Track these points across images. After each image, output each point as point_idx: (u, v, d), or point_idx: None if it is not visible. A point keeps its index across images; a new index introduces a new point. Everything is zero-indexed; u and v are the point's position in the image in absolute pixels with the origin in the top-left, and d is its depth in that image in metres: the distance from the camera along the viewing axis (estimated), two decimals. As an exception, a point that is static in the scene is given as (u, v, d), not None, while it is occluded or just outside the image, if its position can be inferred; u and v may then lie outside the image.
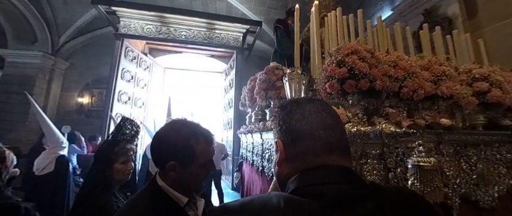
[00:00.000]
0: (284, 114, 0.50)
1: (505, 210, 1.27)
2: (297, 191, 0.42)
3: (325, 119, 0.47)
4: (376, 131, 0.80)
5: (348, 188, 0.40)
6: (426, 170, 0.67)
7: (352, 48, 1.15)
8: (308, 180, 0.42)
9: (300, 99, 0.52)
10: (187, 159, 0.71)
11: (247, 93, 2.77)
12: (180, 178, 0.71)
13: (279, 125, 0.50)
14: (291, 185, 0.44)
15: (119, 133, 1.24)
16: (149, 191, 0.73)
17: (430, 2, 3.42)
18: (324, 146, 0.45)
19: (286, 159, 0.48)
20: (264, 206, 0.37)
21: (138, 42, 5.06)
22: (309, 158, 0.45)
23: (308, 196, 0.38)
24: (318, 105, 0.49)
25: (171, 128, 0.76)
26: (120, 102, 4.62)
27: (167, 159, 0.71)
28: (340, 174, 0.43)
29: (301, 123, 0.47)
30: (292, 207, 0.36)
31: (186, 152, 0.71)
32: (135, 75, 4.97)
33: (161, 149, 0.74)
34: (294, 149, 0.47)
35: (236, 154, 4.71)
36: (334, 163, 0.44)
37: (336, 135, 0.46)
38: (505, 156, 1.33)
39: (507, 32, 2.60)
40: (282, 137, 0.49)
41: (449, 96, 1.26)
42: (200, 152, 0.73)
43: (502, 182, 1.27)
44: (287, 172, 0.47)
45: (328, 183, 0.41)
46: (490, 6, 2.87)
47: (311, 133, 0.46)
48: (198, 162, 0.73)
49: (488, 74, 1.41)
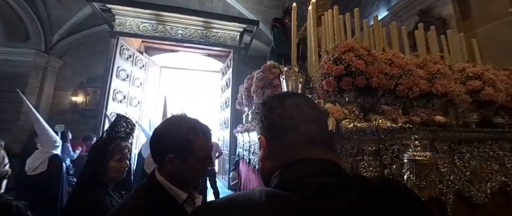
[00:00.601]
0: (265, 110, 0.50)
1: (497, 206, 1.29)
2: (279, 186, 0.42)
3: (307, 112, 0.47)
4: (372, 126, 0.80)
5: (330, 180, 0.40)
6: (422, 164, 0.68)
7: (349, 45, 1.16)
8: (290, 174, 0.43)
9: (281, 94, 0.53)
10: (185, 152, 0.71)
11: (244, 91, 2.76)
12: (179, 172, 0.71)
13: (261, 121, 0.50)
14: (274, 180, 0.44)
15: (113, 130, 1.23)
16: (148, 186, 0.73)
17: (425, 2, 3.47)
18: (306, 140, 0.45)
19: (269, 155, 0.48)
20: (247, 201, 0.37)
21: (133, 40, 5.01)
22: (291, 152, 0.45)
23: (290, 189, 0.38)
24: (299, 100, 0.49)
25: (171, 122, 0.77)
26: (115, 101, 4.56)
27: (166, 153, 0.71)
28: (323, 166, 0.43)
29: (282, 118, 0.47)
30: (273, 200, 0.36)
31: (184, 146, 0.71)
32: (131, 74, 4.92)
33: (160, 143, 0.74)
34: (276, 144, 0.47)
35: (233, 153, 4.70)
36: (317, 156, 0.44)
37: (318, 128, 0.46)
38: (497, 153, 1.36)
39: (499, 33, 2.66)
40: (264, 132, 0.49)
41: (444, 94, 1.28)
42: (199, 146, 0.73)
43: (494, 179, 1.30)
44: (270, 168, 0.47)
45: (310, 176, 0.41)
46: (483, 7, 2.93)
47: (292, 127, 0.46)
48: (196, 156, 0.73)
49: (482, 73, 1.43)
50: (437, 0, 3.32)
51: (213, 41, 5.23)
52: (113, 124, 1.26)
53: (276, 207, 0.35)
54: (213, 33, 5.23)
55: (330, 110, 1.05)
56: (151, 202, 0.67)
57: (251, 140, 2.61)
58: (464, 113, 1.43)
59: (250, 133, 2.52)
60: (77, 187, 1.17)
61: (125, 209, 0.67)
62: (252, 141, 2.59)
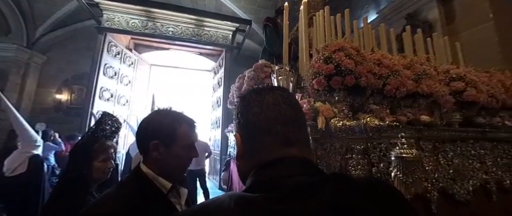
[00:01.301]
0: (242, 107, 0.48)
1: (478, 203, 1.34)
2: (252, 187, 0.40)
3: (285, 111, 0.45)
4: (361, 125, 0.81)
5: (305, 179, 0.39)
6: (408, 161, 0.70)
7: (339, 45, 1.17)
8: (264, 175, 0.41)
9: (260, 88, 0.50)
10: (169, 138, 0.73)
11: (236, 91, 2.74)
12: (163, 159, 0.72)
13: (237, 118, 0.48)
14: (248, 180, 0.43)
15: (98, 129, 1.18)
16: (134, 178, 0.73)
17: (413, 6, 3.57)
18: (281, 142, 0.43)
19: (245, 154, 0.46)
20: (216, 209, 0.36)
21: (122, 37, 4.87)
22: (265, 153, 0.43)
23: (263, 191, 0.37)
24: (278, 96, 0.47)
25: (156, 113, 0.81)
26: (102, 100, 4.42)
27: (151, 139, 0.73)
28: (298, 166, 0.42)
29: (258, 117, 0.45)
30: (242, 206, 0.34)
31: (168, 132, 0.74)
32: (119, 71, 4.77)
33: (146, 130, 0.76)
34: (251, 145, 0.45)
35: (224, 153, 4.66)
36: (292, 156, 0.43)
37: (295, 129, 0.45)
38: (479, 152, 1.41)
39: (481, 37, 2.78)
40: (240, 130, 0.48)
41: (429, 94, 1.32)
42: (182, 133, 0.76)
43: (476, 176, 1.35)
44: (246, 168, 0.45)
45: (285, 176, 0.39)
46: (466, 13, 3.06)
47: (268, 129, 0.44)
48: (180, 143, 0.75)
49: (464, 74, 1.49)
50: (424, 4, 3.43)
51: (205, 40, 5.16)
52: (98, 122, 1.21)
53: (245, 214, 0.33)
54: (205, 31, 5.16)
55: (319, 108, 1.05)
56: (136, 193, 0.67)
57: (242, 139, 2.60)
58: (448, 113, 1.47)
59: (242, 132, 2.51)
60: (57, 188, 1.11)
61: (109, 200, 0.65)
62: (243, 140, 2.58)
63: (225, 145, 4.42)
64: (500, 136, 1.53)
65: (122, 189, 0.70)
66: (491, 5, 2.80)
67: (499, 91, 1.60)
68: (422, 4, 3.45)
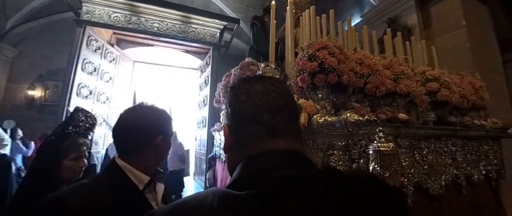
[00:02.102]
0: (231, 96, 0.47)
1: (450, 197, 1.43)
2: (237, 182, 0.39)
3: (273, 100, 0.43)
4: (341, 120, 0.83)
5: (293, 172, 0.37)
6: (385, 154, 0.72)
7: (323, 43, 1.19)
8: (250, 168, 0.39)
9: (251, 77, 0.49)
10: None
11: (222, 89, 2.71)
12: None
13: (226, 108, 0.47)
14: (234, 174, 0.41)
15: (70, 125, 1.10)
16: (108, 172, 0.71)
17: (394, 12, 3.74)
18: (267, 131, 0.41)
19: (232, 145, 0.45)
20: (196, 207, 0.34)
21: (103, 31, 4.63)
22: (251, 144, 0.42)
23: (248, 186, 0.35)
24: (267, 84, 0.45)
25: (140, 107, 0.77)
26: (79, 97, 4.17)
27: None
28: (286, 158, 0.40)
29: (245, 105, 0.43)
30: (226, 206, 0.32)
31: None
32: (99, 67, 4.54)
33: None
34: (238, 134, 0.44)
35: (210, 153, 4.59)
36: (280, 148, 0.41)
37: (283, 118, 0.43)
38: (450, 148, 1.50)
39: (454, 43, 2.97)
40: (228, 120, 0.46)
41: (407, 93, 1.38)
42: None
43: (448, 172, 1.43)
44: (233, 160, 0.44)
45: (271, 170, 0.37)
46: (441, 19, 3.25)
47: (254, 117, 0.42)
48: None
49: (439, 76, 1.57)
50: (404, 10, 3.60)
51: (191, 37, 5.05)
52: (70, 118, 1.14)
53: (227, 214, 0.31)
54: (192, 28, 5.05)
55: (303, 105, 1.06)
56: (110, 187, 0.64)
57: (228, 138, 2.57)
58: (424, 112, 1.56)
59: (227, 131, 2.48)
60: (22, 189, 1.02)
61: (81, 191, 0.62)
62: (228, 139, 2.55)
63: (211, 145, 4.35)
64: (469, 134, 1.63)
65: (96, 182, 0.66)
66: (464, 13, 3.00)
67: (470, 92, 1.72)
68: (402, 10, 3.62)
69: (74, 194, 0.60)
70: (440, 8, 3.26)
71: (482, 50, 3.01)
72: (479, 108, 1.84)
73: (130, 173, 0.68)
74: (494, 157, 1.73)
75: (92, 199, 0.59)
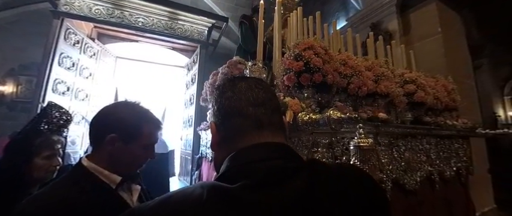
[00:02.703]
0: (217, 94, 0.49)
1: (424, 192, 1.52)
2: (225, 174, 0.39)
3: (257, 94, 0.46)
4: (324, 117, 0.86)
5: (280, 163, 0.39)
6: (365, 149, 0.76)
7: (309, 43, 1.22)
8: (237, 160, 0.40)
9: (235, 77, 0.53)
10: (131, 136, 0.68)
11: (209, 87, 2.68)
12: (117, 155, 0.66)
13: (212, 106, 0.49)
14: (222, 167, 0.42)
15: (42, 121, 1.03)
16: (73, 174, 0.65)
17: (376, 17, 3.91)
18: (253, 124, 0.43)
19: (219, 141, 0.46)
20: (183, 201, 0.33)
21: (83, 24, 4.38)
22: (237, 137, 0.43)
23: (236, 177, 0.36)
24: (251, 82, 0.49)
25: (124, 104, 0.74)
26: (55, 93, 3.92)
27: (110, 131, 0.66)
28: (273, 150, 0.42)
29: (230, 101, 0.45)
30: (216, 198, 0.32)
31: (133, 128, 0.68)
32: (78, 62, 4.29)
33: (106, 120, 0.69)
34: (224, 129, 0.45)
35: (196, 153, 4.51)
36: (265, 140, 0.43)
37: (267, 111, 0.45)
38: (425, 146, 1.61)
39: (430, 48, 3.17)
40: (214, 118, 0.48)
41: (386, 94, 1.45)
42: (147, 133, 0.70)
43: (422, 168, 1.53)
44: (221, 155, 0.45)
45: (259, 161, 0.39)
46: (419, 26, 3.46)
47: (239, 111, 0.44)
48: (141, 142, 0.69)
49: (416, 78, 1.67)
50: (386, 16, 3.78)
51: (178, 34, 4.92)
52: (43, 114, 1.07)
53: (219, 206, 0.31)
54: (179, 25, 4.93)
55: (289, 103, 1.08)
56: (74, 187, 0.59)
57: (214, 137, 2.55)
58: (402, 112, 1.65)
59: (214, 130, 2.46)
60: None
61: (42, 197, 0.57)
62: (215, 138, 2.53)
63: (198, 144, 4.28)
64: (442, 133, 1.75)
65: (58, 185, 0.61)
66: (440, 21, 3.21)
67: (443, 94, 1.84)
68: (384, 16, 3.80)
69: (38, 208, 0.54)
70: (419, 15, 3.46)
71: (455, 56, 3.24)
72: (451, 110, 1.98)
73: (99, 173, 0.65)
74: (464, 154, 1.87)
75: (55, 200, 0.55)
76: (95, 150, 0.68)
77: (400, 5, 3.58)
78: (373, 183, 0.42)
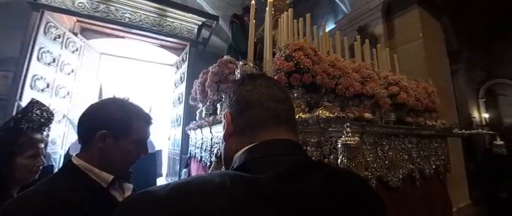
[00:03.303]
0: (236, 86, 0.50)
1: (406, 189, 1.60)
2: (245, 165, 0.39)
3: (276, 92, 0.48)
4: (314, 117, 0.88)
5: (300, 158, 0.40)
6: (352, 147, 0.79)
7: (299, 45, 1.25)
8: (258, 152, 0.41)
9: (254, 73, 0.56)
10: (122, 131, 0.67)
11: (199, 86, 2.66)
12: (108, 152, 0.66)
13: (229, 97, 0.50)
14: (238, 159, 0.42)
15: (23, 119, 0.99)
16: (63, 172, 0.64)
17: (363, 21, 4.05)
18: (272, 117, 0.45)
19: (234, 132, 0.47)
20: (203, 188, 0.32)
21: (65, 18, 4.18)
22: (257, 128, 0.44)
23: (259, 169, 0.36)
24: (269, 80, 0.51)
25: (112, 100, 0.74)
26: (34, 90, 3.71)
27: (100, 128, 0.65)
28: (291, 147, 0.43)
29: (251, 93, 0.47)
30: (241, 186, 0.32)
31: (122, 124, 0.68)
32: (59, 58, 4.09)
33: (95, 116, 0.68)
34: (242, 119, 0.46)
35: (185, 153, 4.44)
36: (283, 136, 0.44)
37: (285, 108, 0.47)
38: (407, 145, 1.69)
39: (412, 52, 3.33)
40: (230, 108, 0.49)
41: (372, 95, 1.51)
42: (137, 128, 0.70)
43: (405, 166, 1.60)
44: (235, 146, 0.45)
45: (279, 155, 0.40)
46: (402, 31, 3.62)
47: (260, 103, 0.46)
48: (132, 138, 0.69)
49: (399, 80, 1.75)
50: (372, 20, 3.93)
51: (167, 31, 4.82)
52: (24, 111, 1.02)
53: (244, 192, 0.31)
54: (168, 22, 4.83)
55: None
56: (66, 186, 0.58)
57: (204, 136, 2.52)
58: (386, 113, 1.72)
59: (203, 129, 2.44)
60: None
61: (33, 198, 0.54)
62: (204, 137, 2.51)
63: (186, 144, 4.21)
64: (423, 133, 1.85)
65: (48, 184, 0.59)
66: (422, 27, 3.38)
67: (423, 96, 1.94)
68: (370, 20, 3.94)
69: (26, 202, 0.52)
70: (402, 20, 3.63)
71: (435, 60, 3.43)
72: (431, 111, 2.09)
73: (91, 172, 0.64)
74: (442, 153, 1.98)
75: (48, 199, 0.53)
76: (85, 148, 0.67)
77: (386, 10, 3.73)
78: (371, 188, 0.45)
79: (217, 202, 0.29)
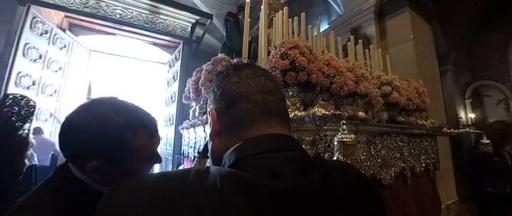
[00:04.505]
0: (219, 80, 0.45)
1: (398, 187, 1.63)
2: (237, 163, 0.36)
3: (264, 82, 0.43)
4: (310, 114, 0.88)
5: (298, 154, 0.38)
6: (348, 144, 0.79)
7: (294, 43, 1.24)
8: (250, 149, 0.37)
9: (237, 63, 0.48)
10: (118, 157, 0.51)
11: (192, 84, 2.62)
12: (109, 178, 0.51)
13: (213, 92, 0.45)
14: (228, 157, 0.38)
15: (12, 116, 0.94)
16: (62, 183, 0.52)
17: (356, 22, 4.11)
18: (262, 111, 0.41)
19: (221, 130, 0.42)
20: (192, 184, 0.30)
21: (53, 12, 4.03)
22: (245, 124, 0.40)
23: (251, 168, 0.33)
24: (256, 69, 0.45)
25: (91, 112, 0.52)
26: (19, 87, 3.56)
27: (86, 158, 0.49)
28: (285, 141, 0.40)
29: (237, 85, 0.42)
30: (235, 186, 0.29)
31: (116, 149, 0.50)
32: (46, 54, 3.94)
33: (74, 142, 0.50)
34: (228, 116, 0.41)
35: (177, 153, 4.37)
36: (275, 131, 0.40)
37: (275, 99, 0.43)
38: (399, 144, 1.72)
39: (403, 53, 3.41)
40: (215, 104, 0.44)
41: (365, 94, 1.53)
42: (139, 146, 0.53)
43: (396, 164, 1.63)
44: (222, 145, 0.41)
45: (275, 151, 0.37)
46: (393, 33, 3.71)
47: (247, 96, 0.41)
48: (135, 158, 0.53)
49: (391, 80, 1.78)
50: (365, 22, 3.99)
51: (160, 29, 4.73)
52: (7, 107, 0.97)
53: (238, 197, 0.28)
54: (160, 19, 4.73)
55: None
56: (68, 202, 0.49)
57: (197, 136, 2.49)
58: (378, 112, 1.74)
59: (197, 128, 2.41)
60: None
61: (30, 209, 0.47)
62: (198, 137, 2.47)
63: (179, 144, 4.15)
64: (414, 132, 1.89)
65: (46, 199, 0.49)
66: (413, 29, 3.46)
67: (414, 96, 1.98)
68: (363, 21, 4.00)
69: None
70: (394, 22, 3.70)
71: (425, 62, 3.52)
72: (421, 110, 2.14)
73: (94, 186, 0.53)
74: (432, 152, 2.03)
75: None
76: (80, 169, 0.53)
77: (378, 12, 3.79)
78: (369, 180, 0.44)
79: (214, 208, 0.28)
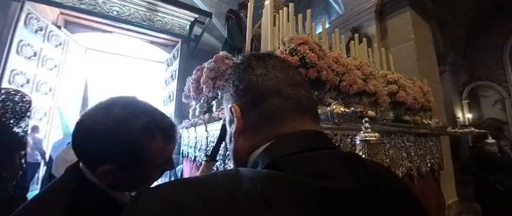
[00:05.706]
0: (241, 71, 0.40)
1: (404, 187, 1.60)
2: (275, 164, 0.31)
3: (292, 74, 0.39)
4: (327, 112, 0.84)
5: (339, 152, 0.34)
6: (372, 143, 0.76)
7: (303, 39, 1.21)
8: (287, 148, 0.33)
9: (260, 53, 0.43)
10: (133, 162, 0.49)
11: (193, 83, 2.56)
12: (121, 183, 0.50)
13: (234, 86, 0.40)
14: (261, 159, 0.34)
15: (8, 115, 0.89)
16: (75, 186, 0.49)
17: (357, 22, 4.10)
18: (294, 106, 0.37)
19: (246, 128, 0.38)
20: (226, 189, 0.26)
21: (48, 9, 3.94)
22: (276, 121, 0.36)
23: (294, 168, 0.29)
24: (281, 60, 0.41)
25: (108, 114, 0.48)
26: (13, 85, 3.46)
27: (100, 162, 0.47)
28: (322, 139, 0.36)
29: (264, 78, 0.37)
30: (276, 189, 0.26)
31: (132, 154, 0.48)
32: (40, 51, 3.84)
33: (90, 145, 0.48)
34: (256, 113, 0.37)
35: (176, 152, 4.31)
36: (310, 128, 0.36)
37: (306, 93, 0.39)
38: (406, 144, 1.69)
39: (405, 53, 3.40)
40: (238, 100, 0.39)
41: (373, 93, 1.50)
42: (155, 152, 0.50)
43: (404, 164, 1.61)
44: (248, 145, 0.37)
45: (314, 149, 0.33)
46: (394, 33, 3.70)
47: (278, 90, 0.37)
48: (150, 164, 0.51)
49: (398, 79, 1.76)
50: (365, 21, 3.99)
51: (158, 27, 4.66)
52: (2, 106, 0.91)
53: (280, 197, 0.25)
54: (158, 17, 4.67)
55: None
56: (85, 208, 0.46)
57: (198, 135, 2.44)
58: (384, 111, 1.72)
59: (198, 128, 2.35)
60: None
61: None
62: (198, 136, 2.42)
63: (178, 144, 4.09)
64: (419, 131, 1.87)
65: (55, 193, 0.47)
66: (413, 28, 3.46)
67: (419, 95, 1.97)
68: (364, 21, 4.00)
69: None
70: (395, 22, 3.70)
71: (425, 61, 3.53)
72: (425, 110, 2.13)
73: (106, 191, 0.51)
74: (437, 151, 2.02)
75: None
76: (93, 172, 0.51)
77: (379, 11, 3.79)
78: (406, 183, 0.42)
79: None
